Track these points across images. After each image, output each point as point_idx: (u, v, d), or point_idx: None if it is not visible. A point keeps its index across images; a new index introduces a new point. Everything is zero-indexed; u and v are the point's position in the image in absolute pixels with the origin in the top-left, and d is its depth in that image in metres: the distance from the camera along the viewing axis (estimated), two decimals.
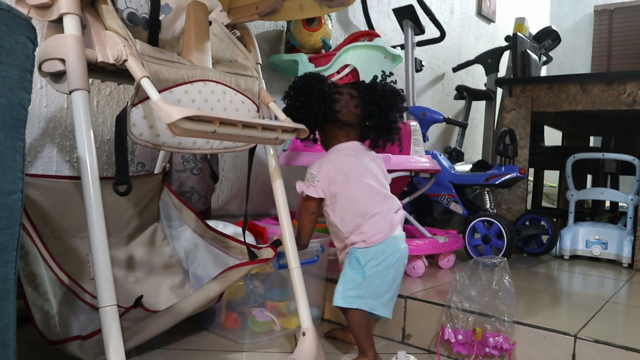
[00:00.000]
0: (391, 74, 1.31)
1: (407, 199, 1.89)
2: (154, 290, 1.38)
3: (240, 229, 1.35)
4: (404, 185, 1.95)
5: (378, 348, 1.23)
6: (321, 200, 1.22)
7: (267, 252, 1.21)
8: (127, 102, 0.97)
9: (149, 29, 1.15)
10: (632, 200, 2.18)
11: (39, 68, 0.98)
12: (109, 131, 1.64)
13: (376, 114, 1.23)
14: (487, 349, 1.21)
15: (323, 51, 2.09)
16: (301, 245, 1.25)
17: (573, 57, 4.98)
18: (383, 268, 1.17)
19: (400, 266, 1.21)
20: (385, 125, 1.24)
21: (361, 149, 1.27)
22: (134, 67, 0.94)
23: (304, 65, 1.92)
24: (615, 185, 2.99)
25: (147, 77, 0.93)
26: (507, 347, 1.19)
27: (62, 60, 0.93)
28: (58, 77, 0.97)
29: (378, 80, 1.28)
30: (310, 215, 1.24)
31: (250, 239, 1.44)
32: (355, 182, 1.20)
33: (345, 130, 1.27)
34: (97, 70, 1.11)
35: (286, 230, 1.22)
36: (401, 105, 1.26)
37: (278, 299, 1.40)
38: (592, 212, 2.86)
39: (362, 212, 1.18)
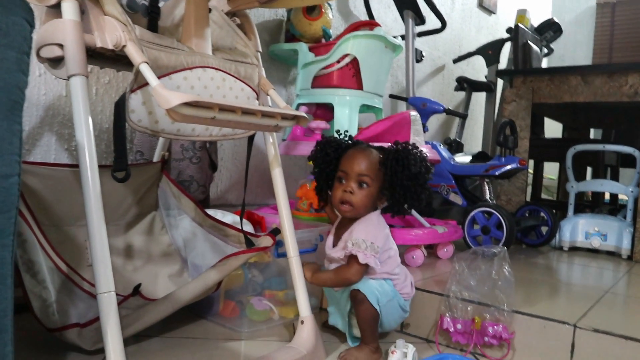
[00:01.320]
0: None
1: None
2: (152, 278, 1.38)
3: (238, 218, 1.35)
4: None
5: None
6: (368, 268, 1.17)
7: (265, 241, 1.21)
8: (126, 88, 0.96)
9: (148, 15, 1.13)
10: (632, 192, 2.18)
11: (37, 54, 0.97)
12: (108, 120, 1.63)
13: (403, 180, 1.15)
14: (486, 338, 1.21)
15: (323, 40, 2.07)
16: (319, 282, 1.23)
17: (574, 50, 4.96)
18: (396, 316, 1.24)
19: (399, 322, 1.31)
20: (414, 192, 1.16)
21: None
22: (133, 53, 0.93)
23: (304, 54, 1.91)
24: (615, 177, 2.99)
25: (146, 63, 0.92)
26: (506, 337, 1.19)
27: (61, 46, 0.91)
28: (56, 62, 0.96)
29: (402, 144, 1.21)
30: (358, 280, 1.16)
31: (248, 227, 1.43)
32: (396, 262, 1.22)
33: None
34: (95, 56, 1.10)
35: (285, 218, 1.21)
36: (425, 171, 1.18)
37: (276, 287, 1.40)
38: (591, 204, 2.86)
39: (396, 276, 1.22)
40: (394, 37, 2.06)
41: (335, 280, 1.20)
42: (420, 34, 2.75)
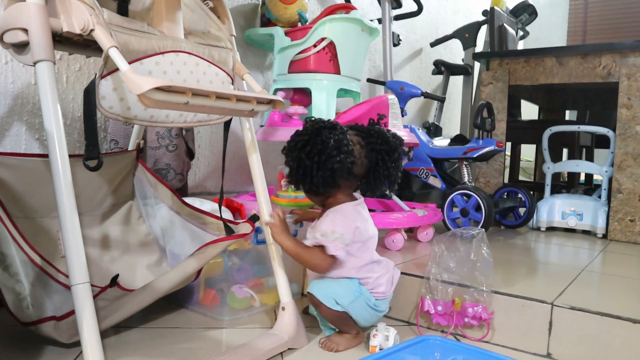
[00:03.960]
0: (384, 116, 1.26)
1: None
2: (130, 269, 1.36)
3: (217, 206, 1.33)
4: None
5: None
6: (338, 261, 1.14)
7: (244, 228, 1.19)
8: (96, 74, 0.93)
9: None
10: (606, 172, 2.21)
11: (1, 39, 0.93)
12: (80, 108, 1.59)
13: (388, 165, 1.14)
14: (466, 319, 1.22)
15: (299, 24, 2.05)
16: (285, 248, 1.16)
17: (549, 32, 4.99)
18: (368, 316, 1.18)
19: (377, 320, 1.21)
20: (394, 175, 1.16)
21: (363, 207, 1.21)
22: (102, 37, 0.90)
23: (280, 38, 1.89)
24: (590, 158, 3.04)
25: (116, 47, 0.89)
26: (485, 317, 1.20)
27: (25, 30, 0.88)
28: (21, 48, 0.92)
29: (375, 126, 1.20)
30: (322, 269, 1.15)
31: (227, 215, 1.42)
32: (370, 252, 1.18)
33: (350, 182, 1.16)
34: (63, 41, 1.07)
35: (264, 205, 1.20)
36: (402, 151, 1.18)
37: (257, 274, 1.39)
38: (567, 185, 2.91)
39: (368, 276, 1.17)
40: (371, 20, 2.05)
41: (305, 261, 1.16)
42: (397, 17, 2.73)
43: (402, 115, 1.91)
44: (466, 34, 3.33)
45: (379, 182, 1.15)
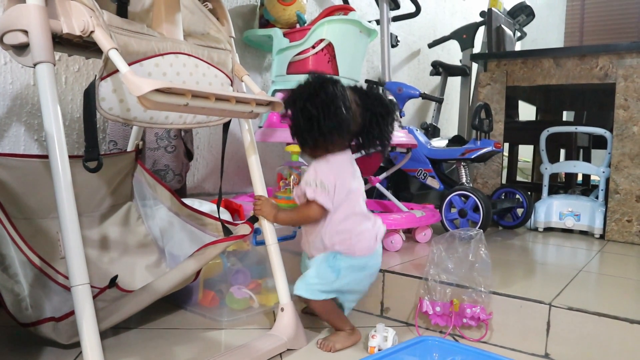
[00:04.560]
0: (377, 84, 1.26)
1: (384, 174, 1.89)
2: (129, 270, 1.36)
3: (216, 207, 1.33)
4: (381, 161, 1.95)
5: (357, 322, 1.23)
6: (325, 210, 1.14)
7: (243, 229, 1.19)
8: (96, 76, 0.93)
9: (117, 0, 1.10)
10: (603, 172, 2.22)
11: (1, 40, 0.94)
12: (79, 109, 1.59)
13: (381, 124, 1.15)
14: (464, 320, 1.23)
15: (298, 26, 2.05)
16: (278, 220, 1.19)
17: (546, 33, 5.00)
18: (360, 279, 1.18)
19: (374, 277, 1.22)
20: (387, 137, 1.18)
21: (354, 162, 1.21)
22: (102, 39, 0.91)
23: (279, 40, 1.89)
24: (587, 159, 3.05)
25: (116, 49, 0.90)
26: (484, 318, 1.21)
27: (25, 32, 0.89)
28: (21, 49, 0.93)
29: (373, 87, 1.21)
30: (313, 220, 1.15)
31: (226, 216, 1.42)
32: (354, 203, 1.17)
33: (343, 139, 1.16)
34: (63, 43, 1.07)
35: None
36: (395, 114, 1.20)
37: (256, 276, 1.39)
38: (565, 185, 2.92)
39: (352, 229, 1.16)
40: (369, 21, 2.05)
41: (297, 218, 1.18)
42: (395, 19, 2.74)
43: (400, 116, 1.91)
44: (464, 35, 3.33)
45: (372, 142, 1.17)
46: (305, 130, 1.11)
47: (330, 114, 1.08)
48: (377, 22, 2.57)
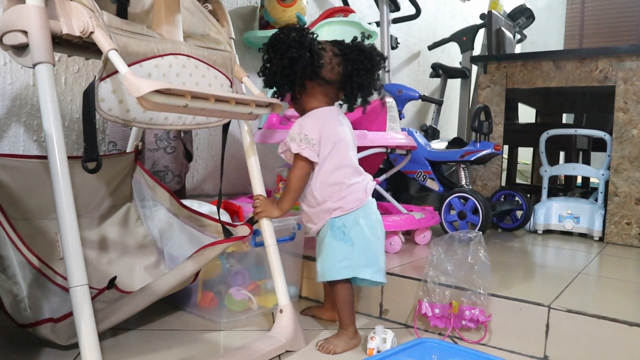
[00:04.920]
0: (369, 36, 1.27)
1: (383, 176, 1.89)
2: (128, 270, 1.35)
3: (215, 208, 1.33)
4: (380, 162, 1.95)
5: (355, 324, 1.23)
6: (312, 164, 1.16)
7: (242, 230, 1.19)
8: (95, 77, 0.93)
9: (117, 1, 1.10)
10: (603, 175, 2.22)
11: (0, 41, 0.94)
12: (78, 109, 1.59)
13: (361, 73, 1.19)
14: (463, 322, 1.23)
15: None
16: (283, 208, 1.19)
17: (546, 36, 5.01)
18: (367, 232, 1.18)
19: (380, 228, 1.22)
20: (368, 84, 1.21)
21: (341, 115, 1.23)
22: (101, 40, 0.91)
23: None
24: (587, 161, 3.05)
25: (115, 50, 0.90)
26: (483, 320, 1.21)
27: (25, 32, 0.89)
28: (21, 50, 0.93)
29: (358, 40, 1.23)
30: (304, 177, 1.16)
31: (225, 217, 1.42)
32: (342, 154, 1.19)
33: (325, 89, 1.20)
34: (62, 43, 1.06)
35: None
36: (382, 65, 1.24)
37: (255, 277, 1.39)
38: (564, 188, 2.92)
39: (342, 181, 1.17)
40: (369, 23, 2.05)
41: (293, 189, 1.18)
42: (395, 21, 2.74)
43: (400, 118, 1.91)
44: (464, 37, 3.34)
45: (355, 91, 1.21)
46: (269, 73, 1.17)
47: (282, 54, 1.13)
48: (377, 24, 2.58)
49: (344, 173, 1.18)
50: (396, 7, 2.55)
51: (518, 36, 3.56)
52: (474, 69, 3.33)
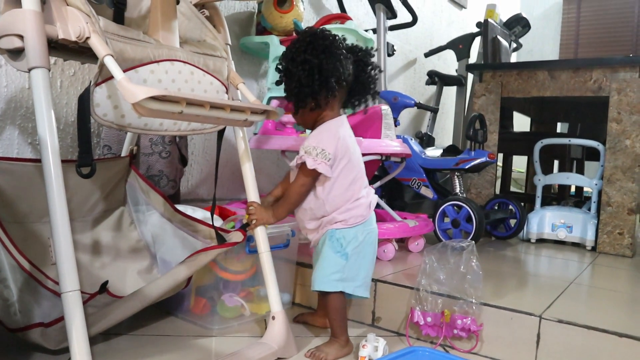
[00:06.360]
0: (372, 48, 1.28)
1: (378, 183, 1.89)
2: (120, 275, 1.35)
3: (209, 214, 1.33)
4: (375, 169, 1.96)
5: (348, 332, 1.23)
6: (318, 178, 1.15)
7: (236, 236, 1.19)
8: (91, 82, 0.93)
9: (114, 6, 1.11)
10: (596, 185, 2.23)
11: None
12: (73, 113, 1.59)
13: (369, 80, 1.19)
14: (455, 331, 1.23)
15: (294, 33, 2.06)
16: (278, 217, 1.19)
17: (542, 45, 5.04)
18: (362, 248, 1.18)
19: (375, 245, 1.23)
20: (374, 90, 1.22)
21: (347, 124, 1.22)
22: (97, 45, 0.91)
23: (275, 47, 1.90)
24: (580, 171, 3.06)
25: (111, 56, 0.90)
26: (474, 329, 1.21)
27: (21, 37, 0.89)
28: (16, 54, 0.92)
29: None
30: (306, 193, 1.16)
31: (219, 223, 1.42)
32: (356, 168, 1.19)
33: (341, 95, 1.18)
34: (58, 48, 1.07)
35: None
36: (380, 70, 1.26)
37: (248, 284, 1.39)
38: (558, 197, 2.93)
39: (352, 195, 1.18)
40: (366, 30, 2.06)
41: (290, 202, 1.18)
42: (392, 28, 2.75)
43: (395, 126, 1.92)
44: (460, 45, 3.36)
45: (366, 88, 1.20)
46: (307, 84, 1.11)
47: (332, 58, 1.10)
48: (374, 31, 2.59)
49: (358, 186, 1.19)
50: (393, 15, 2.56)
51: (514, 45, 3.58)
52: (470, 76, 3.35)
